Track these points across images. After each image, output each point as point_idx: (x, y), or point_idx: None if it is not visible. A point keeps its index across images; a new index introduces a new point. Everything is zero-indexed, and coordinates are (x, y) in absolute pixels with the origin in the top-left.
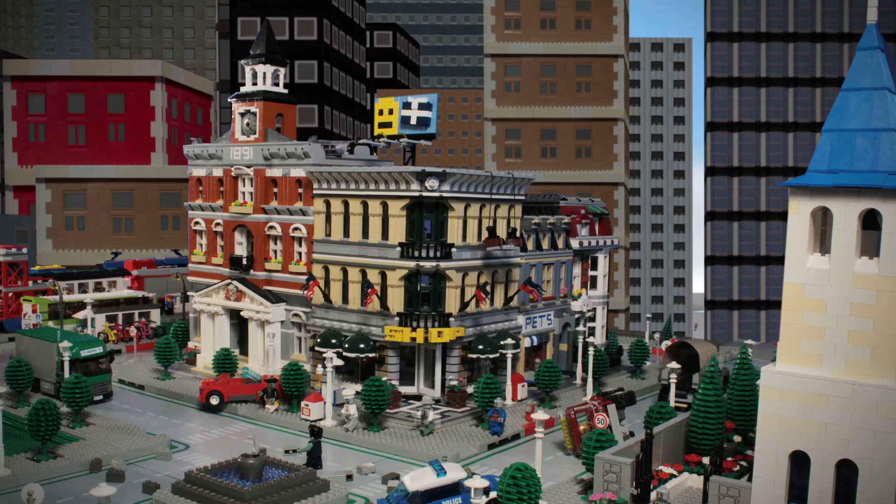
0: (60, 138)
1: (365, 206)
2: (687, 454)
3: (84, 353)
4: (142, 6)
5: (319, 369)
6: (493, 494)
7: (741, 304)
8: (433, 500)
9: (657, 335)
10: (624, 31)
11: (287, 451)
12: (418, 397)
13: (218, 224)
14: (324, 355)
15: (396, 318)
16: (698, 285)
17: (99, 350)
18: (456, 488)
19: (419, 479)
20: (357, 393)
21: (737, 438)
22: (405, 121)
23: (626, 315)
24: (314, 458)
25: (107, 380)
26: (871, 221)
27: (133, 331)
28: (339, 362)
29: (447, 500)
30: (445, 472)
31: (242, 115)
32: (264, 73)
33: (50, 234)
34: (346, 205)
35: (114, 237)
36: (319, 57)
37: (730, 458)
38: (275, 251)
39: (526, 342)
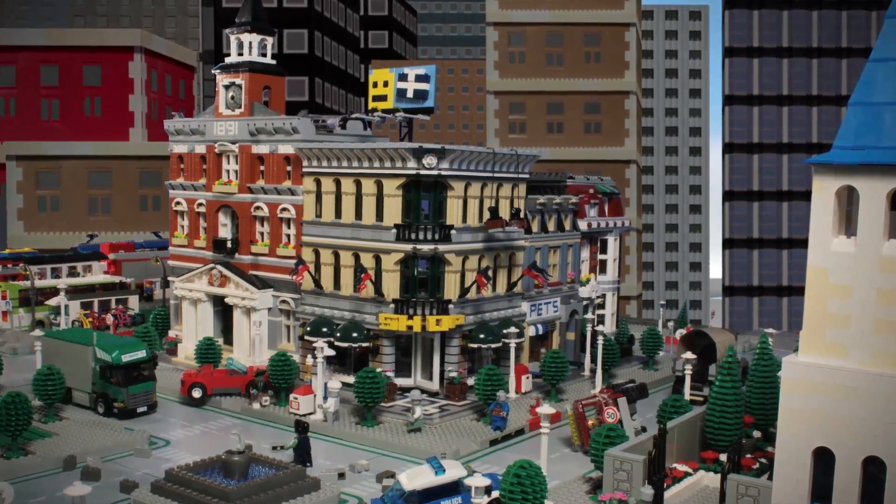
0: (32, 113)
1: (358, 185)
2: (703, 451)
3: (125, 357)
4: None
5: (309, 360)
6: (495, 494)
7: (761, 291)
8: (431, 499)
9: (671, 323)
10: None
11: (274, 448)
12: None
13: (201, 204)
14: (314, 345)
15: (392, 305)
16: (715, 270)
17: (142, 354)
18: (455, 487)
19: (416, 478)
20: (344, 385)
21: (756, 434)
22: (401, 94)
23: (638, 302)
24: (302, 455)
25: (151, 389)
26: None
27: (109, 319)
28: (331, 352)
29: (446, 499)
30: (444, 471)
31: (227, 87)
32: (250, 43)
33: (21, 215)
34: (338, 184)
35: (89, 218)
36: (310, 25)
37: (749, 456)
38: (261, 233)
39: (530, 331)
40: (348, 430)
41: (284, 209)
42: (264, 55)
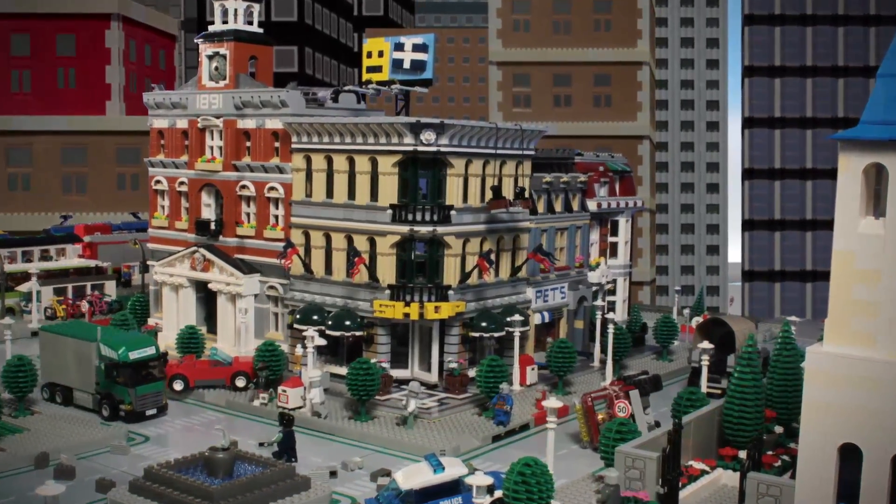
0: (2, 85)
1: (351, 162)
2: (721, 447)
3: (133, 354)
4: None
5: (299, 350)
6: (497, 493)
7: (783, 276)
8: (430, 499)
9: (687, 311)
10: None
11: (261, 444)
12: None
13: (182, 183)
14: (304, 334)
15: (387, 292)
16: (734, 254)
17: (151, 351)
18: (456, 486)
19: (413, 477)
20: (335, 376)
21: (778, 429)
22: (397, 64)
23: (651, 288)
24: (286, 451)
25: (160, 389)
26: None
27: (85, 305)
28: (322, 342)
29: (445, 499)
30: (444, 469)
31: (210, 58)
32: (236, 10)
33: None
34: (330, 161)
35: (63, 198)
36: None
37: (770, 452)
38: (248, 214)
39: (536, 319)
40: (340, 424)
41: (272, 188)
42: (251, 23)
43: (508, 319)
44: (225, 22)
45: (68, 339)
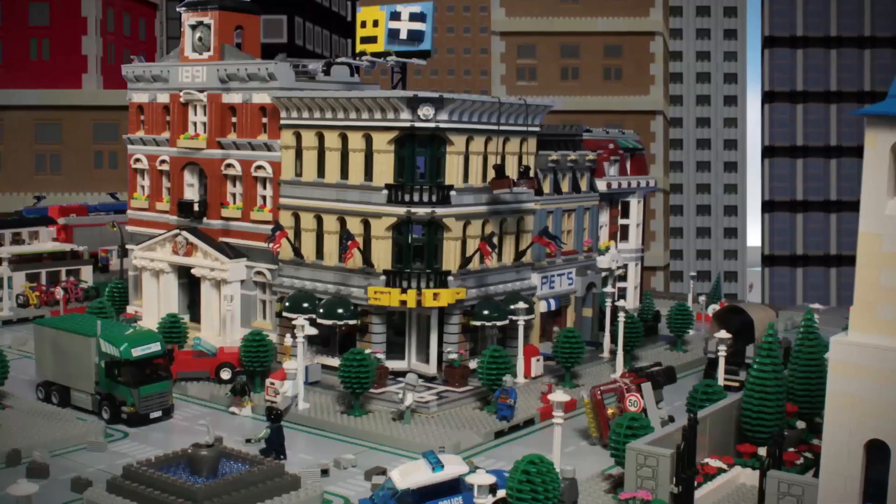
0: None
1: (344, 139)
2: (739, 444)
3: (136, 351)
4: None
5: (288, 340)
6: (500, 493)
7: (806, 260)
8: (428, 499)
9: (703, 298)
10: None
11: (248, 441)
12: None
13: (164, 161)
14: (293, 323)
15: (382, 278)
16: (754, 237)
17: (156, 348)
18: (456, 485)
19: (410, 475)
20: (326, 367)
21: (800, 424)
22: (393, 35)
23: (664, 273)
24: (274, 447)
25: (166, 389)
26: None
27: (59, 292)
28: (313, 331)
29: (445, 499)
30: (443, 467)
31: (194, 27)
32: None
33: None
34: (321, 138)
35: (36, 178)
36: None
37: (791, 449)
38: (233, 195)
39: (541, 307)
40: (333, 420)
41: (259, 167)
42: None
43: (512, 307)
44: None
45: (65, 333)
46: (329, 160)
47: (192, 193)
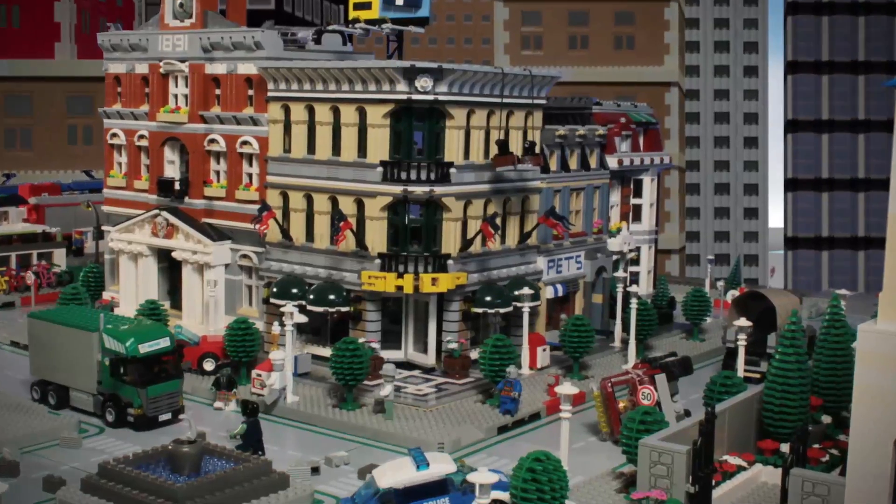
0: None
1: (336, 112)
2: (760, 440)
3: (143, 348)
4: None
5: (276, 328)
6: (496, 494)
7: (832, 243)
8: (413, 499)
9: (721, 283)
10: None
11: (233, 436)
12: (407, 365)
13: (142, 137)
14: (281, 310)
15: (377, 261)
16: (776, 218)
17: (165, 344)
18: (443, 486)
19: (393, 474)
20: (317, 357)
21: (825, 419)
22: (389, 0)
23: (680, 256)
24: (251, 443)
25: (176, 389)
26: None
27: (30, 277)
28: (302, 319)
29: (431, 500)
30: (428, 465)
31: None
32: None
33: None
34: (312, 111)
35: (6, 154)
36: None
37: (816, 446)
38: (217, 172)
39: (548, 292)
40: (324, 414)
41: (245, 143)
42: None
43: (516, 293)
44: None
45: (64, 328)
46: (320, 135)
47: (172, 171)
